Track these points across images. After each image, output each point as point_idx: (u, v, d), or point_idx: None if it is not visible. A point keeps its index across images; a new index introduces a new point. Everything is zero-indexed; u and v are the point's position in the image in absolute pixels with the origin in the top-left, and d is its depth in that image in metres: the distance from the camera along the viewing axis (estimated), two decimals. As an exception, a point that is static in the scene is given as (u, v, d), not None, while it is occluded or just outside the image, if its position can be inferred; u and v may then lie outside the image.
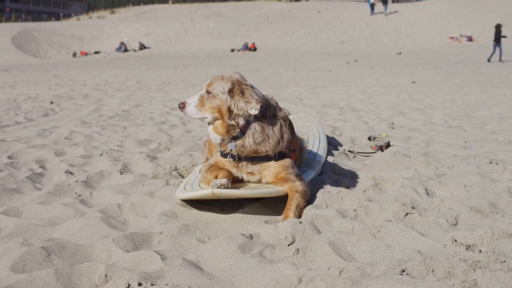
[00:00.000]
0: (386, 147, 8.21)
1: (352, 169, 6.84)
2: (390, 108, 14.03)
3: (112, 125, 11.26)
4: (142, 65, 38.59)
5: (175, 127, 10.93)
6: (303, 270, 3.70)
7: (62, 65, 42.57)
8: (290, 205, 5.08)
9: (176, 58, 45.96)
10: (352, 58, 39.25)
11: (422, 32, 60.30)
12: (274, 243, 4.44)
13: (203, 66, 36.10)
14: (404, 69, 28.99)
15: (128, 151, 8.27)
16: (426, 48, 49.32)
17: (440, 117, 11.97)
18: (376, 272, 3.75)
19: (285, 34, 63.16)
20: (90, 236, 4.66)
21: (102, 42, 67.11)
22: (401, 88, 19.64)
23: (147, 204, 5.51)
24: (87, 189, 6.11)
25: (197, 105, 5.29)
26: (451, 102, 15.22)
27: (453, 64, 31.89)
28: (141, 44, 61.98)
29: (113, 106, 15.06)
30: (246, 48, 54.77)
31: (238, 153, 5.28)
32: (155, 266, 3.92)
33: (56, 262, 4.03)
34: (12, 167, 7.17)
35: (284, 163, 5.33)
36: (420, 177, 6.37)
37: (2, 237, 4.64)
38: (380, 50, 49.79)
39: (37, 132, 10.09)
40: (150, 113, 13.43)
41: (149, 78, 26.10)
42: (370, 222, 4.89)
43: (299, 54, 47.06)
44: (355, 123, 11.15)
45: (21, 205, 5.50)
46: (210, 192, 4.94)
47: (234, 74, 5.37)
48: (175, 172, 6.99)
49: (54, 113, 13.56)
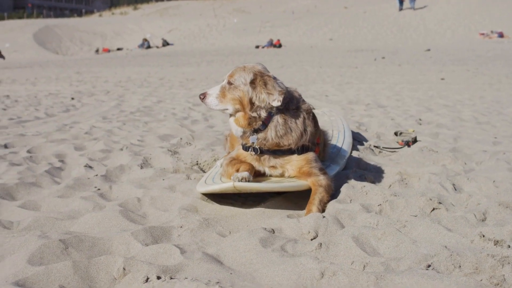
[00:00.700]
0: (413, 143, 8.16)
1: (378, 164, 6.80)
2: (418, 104, 13.94)
3: (133, 120, 11.30)
4: (165, 61, 38.67)
5: (197, 123, 10.95)
6: (326, 264, 3.68)
7: (84, 61, 42.81)
8: (313, 199, 5.05)
9: (199, 55, 46.00)
10: (380, 55, 39.02)
11: (452, 28, 59.84)
12: (296, 238, 4.42)
13: (227, 63, 36.08)
14: (433, 66, 28.77)
15: (149, 146, 8.30)
16: (456, 45, 48.90)
17: (469, 114, 11.86)
18: (401, 267, 3.72)
19: (310, 30, 63.02)
20: (109, 230, 4.68)
21: (125, 39, 67.47)
22: (430, 85, 19.50)
23: (167, 198, 5.53)
24: (106, 183, 6.14)
25: (218, 96, 5.27)
26: (480, 99, 15.08)
27: (483, 61, 31.58)
28: (164, 41, 62.13)
29: (134, 102, 15.12)
30: (271, 44, 54.67)
31: (260, 146, 5.26)
32: (174, 260, 3.92)
33: (74, 255, 4.04)
34: (31, 161, 7.22)
35: (307, 156, 5.30)
36: (447, 172, 6.32)
37: (19, 230, 4.68)
38: (408, 46, 49.44)
39: (57, 127, 10.17)
40: (172, 108, 13.46)
41: (172, 75, 26.14)
42: (395, 217, 4.86)
43: (324, 51, 46.87)
44: (381, 119, 11.09)
45: (39, 199, 5.55)
46: (231, 186, 4.93)
47: (256, 65, 5.35)
48: (196, 166, 7.00)
49: (74, 109, 13.64)
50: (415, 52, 42.03)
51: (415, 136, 8.37)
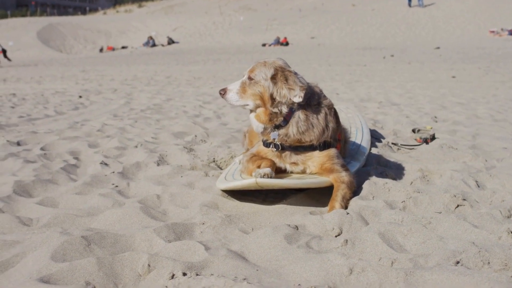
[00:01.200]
0: (431, 140, 8.16)
1: (398, 161, 6.80)
2: (431, 102, 13.92)
3: (144, 118, 11.32)
4: (171, 60, 38.74)
5: (209, 120, 10.96)
6: (354, 261, 3.68)
7: (89, 60, 42.92)
8: (336, 196, 5.05)
9: (205, 53, 46.05)
10: (388, 53, 39.02)
11: (461, 26, 59.77)
12: (320, 234, 4.43)
13: (234, 61, 36.12)
14: (443, 64, 28.75)
15: (163, 143, 8.31)
16: (465, 43, 48.83)
17: (484, 111, 11.84)
18: (430, 263, 3.72)
19: (318, 28, 62.98)
20: (130, 226, 4.70)
21: (129, 37, 67.57)
22: (441, 83, 19.48)
23: (187, 195, 5.54)
24: (124, 180, 6.15)
25: (239, 91, 5.26)
26: (494, 97, 15.05)
27: (494, 59, 31.54)
28: (170, 39, 62.19)
29: (143, 100, 15.14)
30: (277, 42, 54.67)
31: (282, 143, 5.25)
32: (199, 256, 3.93)
33: (97, 251, 4.06)
34: (46, 159, 7.25)
35: (329, 153, 5.29)
36: (469, 169, 6.32)
37: (39, 227, 4.70)
38: (417, 44, 49.39)
39: (69, 124, 10.21)
40: (182, 106, 13.48)
41: (179, 73, 26.18)
42: (420, 213, 4.85)
43: (332, 49, 46.89)
44: (395, 116, 11.08)
45: (57, 196, 5.58)
46: (254, 182, 4.91)
47: (277, 60, 5.35)
48: (213, 163, 7.02)
49: (83, 107, 13.68)
50: (424, 50, 42.01)
51: (433, 133, 8.36)
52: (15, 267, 3.86)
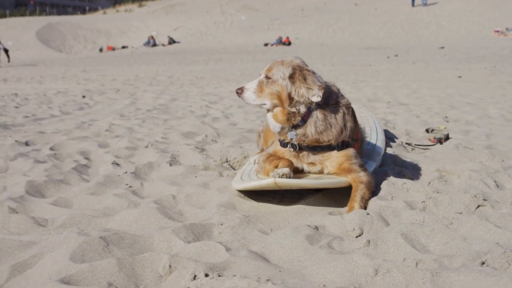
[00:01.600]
0: (445, 140, 8.15)
1: (414, 161, 6.78)
2: (440, 102, 13.91)
3: (151, 118, 11.31)
4: (172, 60, 38.77)
5: (218, 120, 10.95)
6: (379, 261, 3.67)
7: (89, 60, 42.96)
8: (354, 196, 5.03)
9: (206, 53, 46.09)
10: (392, 53, 39.04)
11: (465, 26, 59.77)
12: (341, 235, 4.41)
13: (236, 61, 36.14)
14: (448, 63, 28.74)
15: (174, 143, 8.30)
16: (470, 42, 48.83)
17: (495, 111, 11.83)
18: (454, 264, 3.71)
19: (320, 28, 63.01)
20: (148, 227, 4.69)
21: (130, 37, 67.62)
22: (447, 83, 19.47)
23: (202, 195, 5.53)
24: (137, 180, 6.14)
25: (256, 90, 5.22)
26: (503, 97, 15.03)
27: (499, 58, 31.53)
28: (170, 39, 62.26)
29: (148, 100, 15.14)
30: (280, 42, 54.72)
31: (299, 143, 5.23)
32: (219, 257, 3.91)
33: (115, 252, 4.05)
34: (56, 159, 7.24)
35: (347, 153, 5.28)
36: (486, 169, 6.30)
37: (55, 228, 4.69)
38: (421, 44, 49.42)
39: (76, 124, 10.20)
40: (188, 106, 13.47)
41: (181, 73, 26.19)
42: (440, 214, 4.83)
43: (335, 49, 46.91)
44: (406, 116, 11.07)
45: (70, 196, 5.57)
46: (272, 182, 4.89)
47: (295, 59, 5.33)
48: (226, 164, 7.01)
49: (88, 107, 13.68)
50: (428, 49, 42.03)
51: (447, 133, 8.36)
52: (33, 268, 3.86)
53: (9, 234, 4.55)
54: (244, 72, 25.74)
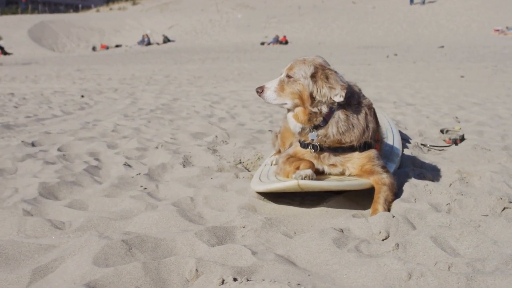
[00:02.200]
0: (461, 141, 8.15)
1: (432, 162, 6.77)
2: (446, 102, 13.91)
3: (156, 118, 11.29)
4: (168, 59, 38.70)
5: (224, 120, 10.94)
6: (412, 265, 3.64)
7: (83, 58, 42.85)
8: (378, 198, 5.01)
9: (202, 52, 46.04)
10: (391, 52, 39.04)
11: (465, 25, 59.87)
12: (367, 238, 4.39)
13: (233, 60, 36.10)
14: (449, 63, 28.75)
15: (184, 144, 8.28)
16: (470, 42, 48.88)
17: (504, 111, 11.83)
18: (488, 268, 3.69)
19: (318, 27, 63.01)
20: (168, 230, 4.66)
21: (123, 35, 67.49)
22: (449, 82, 19.48)
23: (221, 197, 5.51)
24: (152, 182, 6.12)
25: (277, 89, 5.19)
26: (508, 97, 15.03)
27: (500, 58, 31.56)
28: (165, 37, 62.22)
29: (149, 100, 15.10)
30: (276, 41, 54.73)
31: (320, 144, 5.21)
32: (246, 261, 3.88)
33: (138, 256, 4.02)
34: (65, 160, 7.21)
35: (369, 154, 5.25)
36: (507, 171, 6.30)
37: (73, 230, 4.66)
38: (420, 43, 49.45)
39: (80, 124, 10.17)
40: (192, 106, 13.45)
41: (177, 72, 26.14)
42: (466, 216, 4.80)
43: (333, 48, 46.90)
44: (415, 117, 11.07)
45: (85, 198, 5.54)
46: (296, 184, 4.85)
47: (316, 58, 5.30)
48: (240, 165, 7.00)
49: (89, 107, 13.63)
50: (428, 49, 42.08)
51: (462, 134, 8.35)
52: (55, 272, 3.84)
53: (26, 237, 4.52)
54: (242, 72, 25.70)
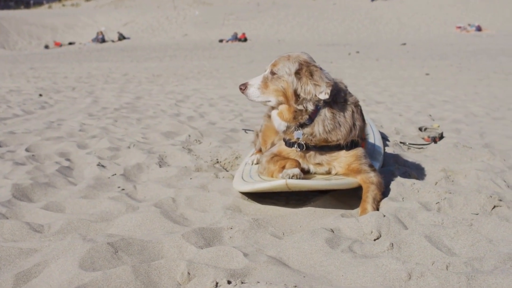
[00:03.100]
0: (440, 139, 8.21)
1: (416, 160, 6.81)
2: (415, 100, 14.05)
3: (122, 117, 11.21)
4: (124, 56, 38.41)
5: (194, 119, 10.90)
6: (411, 265, 3.65)
7: (36, 56, 42.31)
8: (366, 197, 5.00)
9: (160, 49, 45.83)
10: (353, 49, 39.27)
11: (426, 22, 60.43)
12: (359, 238, 4.39)
13: (191, 57, 35.98)
14: (412, 60, 29.00)
15: (156, 143, 8.23)
16: (432, 39, 49.37)
17: (478, 109, 11.97)
18: (486, 267, 3.71)
19: (277, 24, 63.08)
20: (153, 232, 4.61)
21: (77, 32, 66.75)
22: (415, 80, 19.66)
23: (203, 197, 5.46)
24: (129, 183, 6.06)
25: (260, 86, 5.16)
26: (476, 95, 15.24)
27: (464, 55, 31.92)
28: (120, 34, 61.75)
29: (111, 99, 14.95)
30: (235, 38, 54.71)
31: (306, 142, 5.18)
32: (238, 263, 3.85)
33: (125, 259, 3.97)
34: (35, 160, 7.10)
35: (356, 153, 5.24)
36: (492, 169, 6.35)
37: (53, 233, 4.58)
38: (382, 40, 49.84)
39: (45, 124, 10.03)
40: (157, 105, 13.38)
41: (135, 71, 25.94)
42: (457, 215, 4.83)
43: (294, 45, 46.96)
44: (388, 114, 11.14)
45: (61, 200, 5.46)
46: (283, 183, 4.81)
47: (301, 54, 5.29)
48: (217, 165, 6.96)
49: (49, 106, 13.44)
50: (390, 46, 42.41)
51: (441, 132, 8.42)
52: (39, 277, 3.77)
53: (4, 241, 4.43)
54: (202, 70, 25.63)
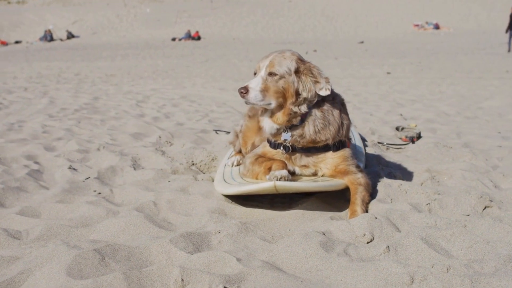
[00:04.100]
0: (417, 139, 8.25)
1: (398, 161, 6.84)
2: (382, 99, 14.15)
3: (85, 118, 11.07)
4: (74, 56, 38.06)
5: (160, 120, 10.84)
6: (413, 268, 3.65)
7: (-19, 56, 41.75)
8: (355, 199, 4.99)
9: (111, 48, 45.56)
10: (310, 48, 39.46)
11: (383, 19, 60.97)
12: (351, 241, 4.37)
13: (144, 56, 35.80)
14: (372, 59, 29.25)
15: (126, 145, 8.17)
16: (390, 37, 49.87)
17: (448, 108, 12.11)
18: (487, 269, 3.72)
19: (232, 22, 63.10)
20: (138, 237, 4.53)
21: (24, 31, 66.08)
22: (377, 79, 19.81)
23: (185, 201, 5.39)
24: (104, 186, 5.96)
25: (262, 89, 4.97)
26: (442, 94, 15.43)
27: (423, 54, 32.30)
28: (69, 33, 61.26)
29: (68, 99, 14.73)
30: (189, 36, 54.63)
31: (293, 144, 5.14)
32: (232, 269, 3.82)
33: (113, 266, 3.91)
34: (2, 164, 6.93)
35: (343, 153, 5.22)
36: (476, 169, 6.40)
37: (33, 240, 4.48)
38: (340, 39, 50.18)
39: (5, 126, 9.82)
40: (117, 106, 13.27)
41: (87, 70, 25.71)
42: (449, 216, 4.84)
43: (249, 44, 47.11)
44: (358, 114, 11.19)
45: (35, 205, 5.34)
46: (272, 185, 4.75)
47: (291, 51, 5.24)
48: (193, 167, 6.90)
49: (5, 107, 13.18)
50: (348, 44, 42.75)
51: (419, 131, 8.47)
52: (24, 285, 3.71)
53: (-19, 248, 4.34)
54: (157, 69, 25.52)
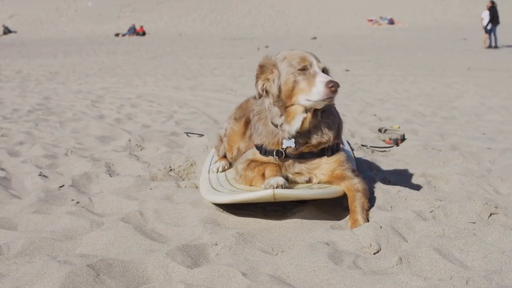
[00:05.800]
0: (401, 141, 8.25)
1: (389, 165, 6.82)
2: (348, 98, 14.20)
3: (41, 120, 10.81)
4: (13, 52, 37.51)
5: (123, 122, 10.70)
6: (434, 281, 3.59)
7: None
8: (354, 207, 4.89)
9: (51, 44, 45.11)
10: (261, 44, 39.54)
11: (336, 14, 61.30)
12: (357, 252, 4.29)
13: (88, 53, 35.48)
14: (327, 55, 29.31)
15: (95, 149, 8.00)
16: (343, 33, 50.13)
17: (421, 108, 12.19)
18: (507, 281, 3.67)
19: (178, 16, 62.90)
20: (130, 251, 4.38)
21: (-46, 25, 65.12)
22: (336, 77, 19.67)
23: (173, 210, 5.26)
24: (82, 195, 5.77)
25: None
26: (407, 92, 15.57)
27: (380, 50, 32.55)
28: (5, 28, 60.49)
29: (16, 99, 14.36)
30: (133, 32, 54.37)
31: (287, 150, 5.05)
32: (238, 284, 3.73)
33: (109, 282, 3.79)
34: (-39, 170, 6.74)
35: (339, 158, 5.15)
36: (472, 173, 6.40)
37: (16, 255, 4.30)
38: (291, 34, 50.34)
39: (-45, 128, 9.58)
40: (72, 106, 13.00)
41: (29, 68, 25.29)
42: (454, 224, 4.80)
43: (197, 40, 47.04)
44: (330, 115, 11.17)
45: (10, 216, 5.15)
46: (270, 194, 4.63)
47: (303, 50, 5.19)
48: (172, 172, 6.78)
49: None
50: (300, 40, 42.94)
51: (403, 133, 8.47)
52: (13, 305, 3.57)
53: (-41, 265, 4.17)
54: (103, 66, 25.27)
